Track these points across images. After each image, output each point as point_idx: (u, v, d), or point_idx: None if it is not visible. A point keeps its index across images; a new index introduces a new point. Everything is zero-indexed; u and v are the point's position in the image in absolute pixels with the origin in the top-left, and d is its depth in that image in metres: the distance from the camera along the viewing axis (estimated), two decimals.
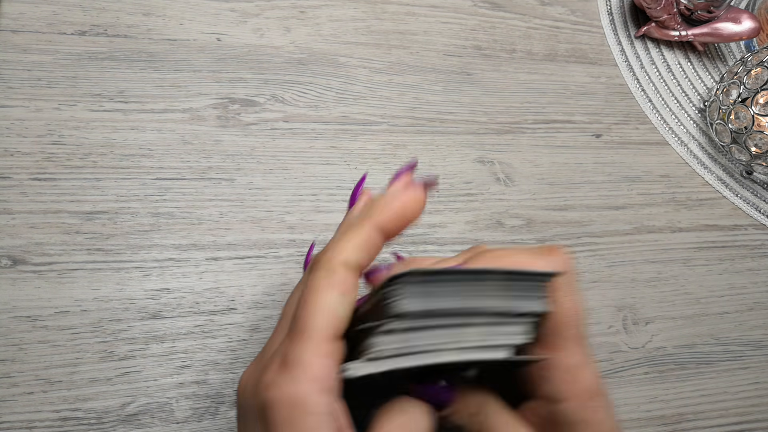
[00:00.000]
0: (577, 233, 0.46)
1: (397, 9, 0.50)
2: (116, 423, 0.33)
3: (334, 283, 0.21)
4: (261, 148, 0.42)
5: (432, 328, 0.21)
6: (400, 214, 0.24)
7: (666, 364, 0.43)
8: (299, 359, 0.20)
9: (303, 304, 0.21)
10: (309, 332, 0.20)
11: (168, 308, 0.36)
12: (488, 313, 0.21)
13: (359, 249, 0.22)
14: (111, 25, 0.43)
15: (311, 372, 0.20)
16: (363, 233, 0.23)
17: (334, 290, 0.21)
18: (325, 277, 0.21)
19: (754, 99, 0.47)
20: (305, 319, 0.21)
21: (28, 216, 0.36)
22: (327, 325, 0.21)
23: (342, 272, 0.22)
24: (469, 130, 0.47)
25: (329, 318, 0.21)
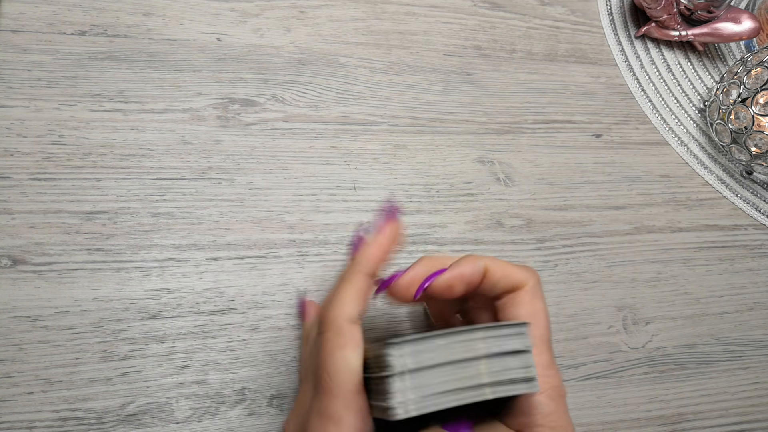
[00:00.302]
0: (577, 233, 0.46)
1: (397, 9, 0.50)
2: (116, 423, 0.33)
3: (344, 342, 0.25)
4: (261, 148, 0.42)
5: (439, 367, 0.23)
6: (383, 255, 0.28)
7: (666, 364, 0.43)
8: (334, 417, 0.24)
9: (323, 366, 0.25)
10: (336, 391, 0.24)
11: (168, 308, 0.36)
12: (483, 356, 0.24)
13: (356, 301, 0.26)
14: (111, 25, 0.43)
15: (347, 427, 0.24)
16: (355, 284, 0.27)
17: (346, 349, 0.24)
18: (335, 338, 0.25)
19: (754, 99, 0.47)
20: (329, 379, 0.24)
21: (28, 216, 0.36)
22: (349, 381, 0.24)
23: (348, 329, 0.25)
24: (469, 130, 0.47)
25: (350, 374, 0.24)
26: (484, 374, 0.23)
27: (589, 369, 0.41)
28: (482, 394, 0.23)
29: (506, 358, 0.24)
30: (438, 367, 0.23)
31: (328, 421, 0.24)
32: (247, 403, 0.35)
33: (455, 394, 0.23)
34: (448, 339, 0.23)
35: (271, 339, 0.37)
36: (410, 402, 0.22)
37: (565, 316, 0.43)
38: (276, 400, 0.36)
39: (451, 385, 0.23)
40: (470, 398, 0.23)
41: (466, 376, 0.23)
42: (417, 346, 0.23)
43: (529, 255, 0.44)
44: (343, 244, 0.41)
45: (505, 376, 0.24)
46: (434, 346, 0.23)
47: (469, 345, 0.24)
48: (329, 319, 0.26)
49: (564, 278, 0.44)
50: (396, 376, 0.23)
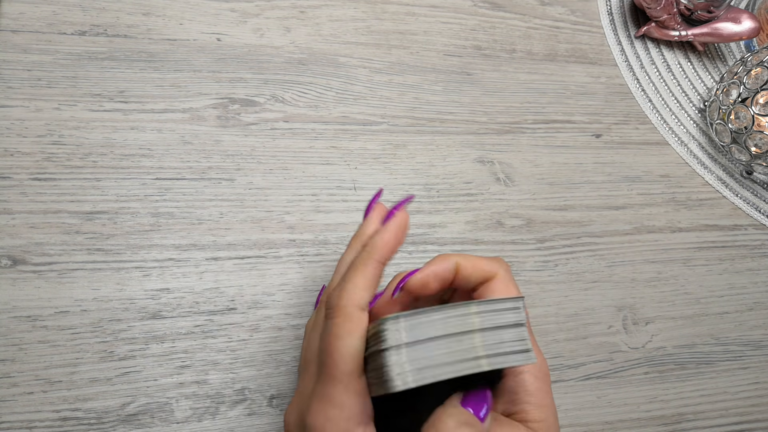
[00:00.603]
0: (577, 233, 0.46)
1: (397, 9, 0.50)
2: (116, 423, 0.33)
3: (352, 328, 0.25)
4: (261, 148, 0.42)
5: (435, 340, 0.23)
6: (396, 243, 0.28)
7: (666, 364, 0.43)
8: (336, 401, 0.24)
9: (329, 351, 0.25)
10: (339, 376, 0.24)
11: (168, 308, 0.36)
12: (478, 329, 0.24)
13: (367, 289, 0.26)
14: (111, 25, 0.43)
15: (348, 411, 0.24)
16: (368, 272, 0.27)
17: (353, 335, 0.25)
18: (345, 323, 0.25)
19: (754, 99, 0.47)
20: (334, 365, 0.24)
21: (28, 216, 0.36)
22: (353, 367, 0.24)
23: (357, 316, 0.25)
24: (469, 130, 0.47)
25: (354, 360, 0.24)
26: (480, 347, 0.24)
27: (589, 369, 0.41)
28: (479, 366, 0.23)
29: (501, 331, 0.24)
30: (433, 340, 0.23)
31: (331, 406, 0.24)
32: (247, 403, 0.35)
33: (452, 366, 0.23)
34: (443, 313, 0.24)
35: (271, 339, 0.37)
36: (408, 374, 0.23)
37: (565, 316, 0.43)
38: (276, 400, 0.36)
39: (447, 357, 0.23)
40: (467, 370, 0.23)
41: (461, 348, 0.24)
42: (412, 320, 0.23)
43: (529, 255, 0.44)
44: (343, 244, 0.41)
45: (500, 348, 0.24)
46: (429, 320, 0.24)
47: (464, 319, 0.24)
48: (340, 304, 0.26)
49: (564, 278, 0.44)
50: (392, 349, 0.23)
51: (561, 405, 0.40)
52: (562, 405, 0.40)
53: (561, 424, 0.40)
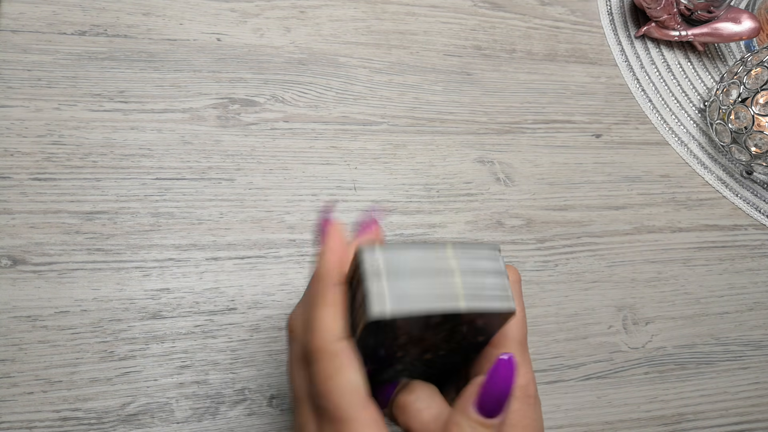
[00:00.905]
0: (577, 233, 0.46)
1: (397, 9, 0.50)
2: (116, 423, 0.33)
3: (340, 365, 0.23)
4: (261, 148, 0.42)
5: (414, 276, 0.23)
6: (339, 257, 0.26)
7: (666, 364, 0.43)
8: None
9: (325, 395, 0.23)
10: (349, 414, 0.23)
11: (168, 308, 0.36)
12: (457, 270, 0.24)
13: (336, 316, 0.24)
14: (111, 25, 0.43)
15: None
16: (330, 300, 0.25)
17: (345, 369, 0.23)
18: (330, 364, 0.23)
19: (754, 99, 0.47)
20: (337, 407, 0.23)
21: (28, 216, 0.36)
22: (358, 401, 0.23)
23: (338, 349, 0.24)
24: (469, 130, 0.47)
25: (356, 392, 0.23)
26: (459, 286, 0.23)
27: (589, 369, 0.41)
28: (457, 304, 0.23)
29: (482, 277, 0.24)
30: (412, 276, 0.23)
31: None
32: (247, 403, 0.35)
33: (430, 301, 0.23)
34: (419, 249, 0.24)
35: (271, 339, 0.37)
36: (386, 300, 0.22)
37: (565, 316, 0.43)
38: (276, 400, 0.36)
39: (426, 291, 0.23)
40: (445, 306, 0.23)
41: (441, 284, 0.23)
42: (388, 251, 0.23)
43: (529, 255, 0.44)
44: None
45: (480, 292, 0.24)
46: (406, 252, 0.23)
47: (440, 259, 0.24)
48: (315, 347, 0.24)
49: (564, 278, 0.44)
50: (372, 277, 0.23)
51: (561, 405, 0.40)
52: (562, 405, 0.40)
53: (561, 424, 0.40)
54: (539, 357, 0.41)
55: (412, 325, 0.23)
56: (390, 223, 0.42)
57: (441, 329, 0.25)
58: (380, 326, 0.23)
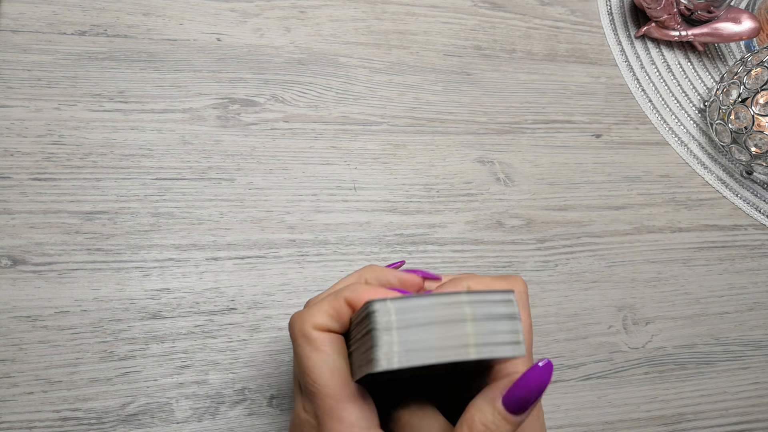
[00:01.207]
0: (577, 233, 0.46)
1: (397, 9, 0.50)
2: (116, 423, 0.33)
3: (317, 346, 0.25)
4: (261, 148, 0.42)
5: (427, 325, 0.23)
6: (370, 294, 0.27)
7: (666, 364, 0.43)
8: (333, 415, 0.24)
9: (305, 372, 0.25)
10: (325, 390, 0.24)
11: (168, 308, 0.36)
12: (470, 318, 0.24)
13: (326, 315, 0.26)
14: (111, 25, 0.43)
15: (348, 420, 0.24)
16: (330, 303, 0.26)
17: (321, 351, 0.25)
18: (307, 345, 0.25)
19: (754, 99, 0.47)
20: (314, 382, 0.24)
21: (28, 216, 0.36)
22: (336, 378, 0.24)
23: (317, 335, 0.25)
24: (469, 130, 0.47)
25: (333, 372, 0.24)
26: (471, 335, 0.23)
27: (589, 369, 0.41)
28: (466, 353, 0.23)
29: (493, 322, 0.24)
30: (425, 326, 0.23)
31: (329, 419, 0.24)
32: (247, 403, 0.35)
33: (439, 351, 0.23)
34: (433, 300, 0.24)
35: (271, 339, 0.37)
36: (395, 354, 0.22)
37: (565, 316, 0.43)
38: (276, 400, 0.36)
39: (436, 342, 0.23)
40: (454, 356, 0.23)
41: (451, 335, 0.23)
42: (402, 303, 0.23)
43: (529, 255, 0.44)
44: (343, 244, 0.41)
45: (491, 339, 0.24)
46: (419, 306, 0.23)
47: (454, 307, 0.24)
48: (296, 331, 0.26)
49: (564, 278, 0.44)
50: (383, 330, 0.23)
51: (561, 405, 0.40)
52: (562, 405, 0.40)
53: (561, 424, 0.40)
54: (539, 357, 0.41)
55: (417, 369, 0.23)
56: (390, 223, 0.42)
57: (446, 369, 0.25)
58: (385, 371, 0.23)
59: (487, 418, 0.24)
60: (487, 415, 0.24)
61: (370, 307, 0.23)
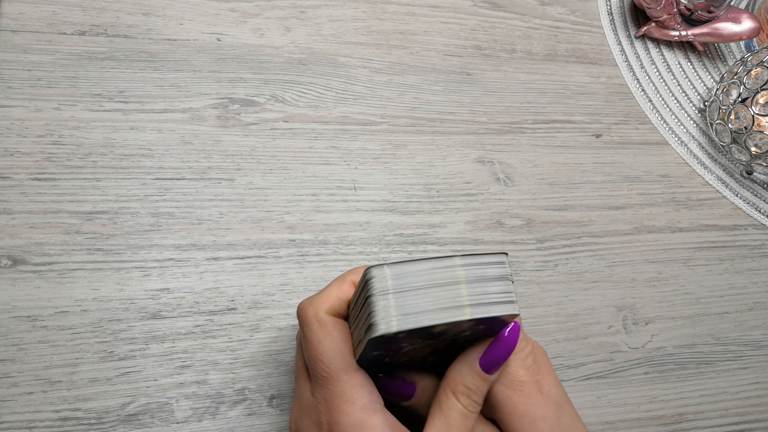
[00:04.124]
0: (577, 233, 0.46)
1: (397, 9, 0.50)
2: (116, 423, 0.33)
3: (329, 331, 0.26)
4: (261, 148, 0.42)
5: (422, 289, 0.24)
6: None
7: (666, 364, 0.43)
8: (343, 397, 0.25)
9: (316, 356, 0.26)
10: (336, 374, 0.25)
11: (168, 308, 0.36)
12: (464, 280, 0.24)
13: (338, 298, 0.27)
14: (111, 25, 0.43)
15: (358, 403, 0.25)
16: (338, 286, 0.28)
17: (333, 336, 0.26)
18: (319, 329, 0.26)
19: (754, 99, 0.47)
20: (325, 367, 0.25)
21: (28, 216, 0.36)
22: (345, 363, 0.25)
23: (328, 320, 0.26)
24: (469, 130, 0.47)
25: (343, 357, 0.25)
26: (465, 296, 0.24)
27: (589, 369, 0.41)
28: (462, 314, 0.24)
29: (487, 284, 0.25)
30: (420, 289, 0.24)
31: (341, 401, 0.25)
32: (247, 403, 0.35)
33: (436, 313, 0.24)
34: (428, 264, 0.24)
35: (271, 339, 0.37)
36: (392, 318, 0.23)
37: (565, 316, 0.43)
38: (276, 400, 0.36)
39: (432, 305, 0.24)
40: (450, 317, 0.24)
41: (446, 297, 0.24)
42: (398, 269, 0.24)
43: (529, 255, 0.44)
44: (343, 244, 0.41)
45: (485, 299, 0.24)
46: (415, 271, 0.24)
47: (448, 271, 0.24)
48: (308, 315, 0.27)
49: (564, 278, 0.44)
50: (379, 296, 0.23)
51: None
52: None
53: None
54: None
55: (415, 335, 0.24)
56: (390, 224, 0.42)
57: (445, 336, 0.25)
58: (384, 339, 0.23)
59: (467, 379, 0.25)
60: (466, 377, 0.26)
61: (368, 273, 0.24)
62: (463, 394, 0.25)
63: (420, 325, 0.23)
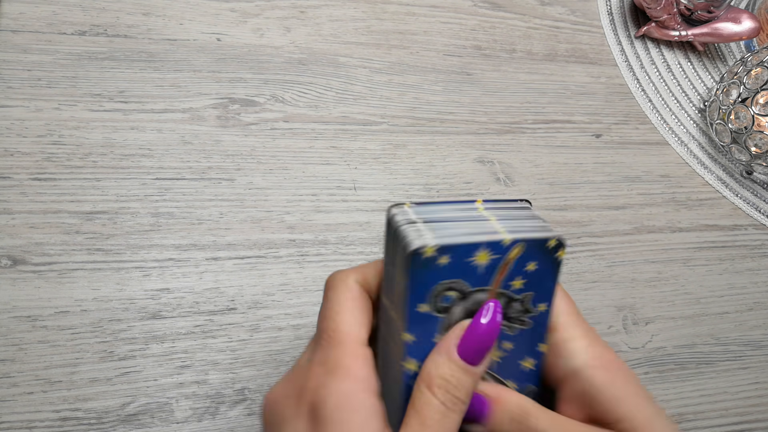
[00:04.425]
0: (577, 233, 0.46)
1: (397, 9, 0.50)
2: (116, 423, 0.33)
3: (354, 296, 0.23)
4: (261, 148, 0.42)
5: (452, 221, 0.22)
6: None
7: (666, 364, 0.43)
8: (340, 363, 0.22)
9: (329, 316, 0.23)
10: (340, 338, 0.22)
11: (168, 308, 0.36)
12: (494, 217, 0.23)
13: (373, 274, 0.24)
14: (111, 25, 0.43)
15: (354, 373, 0.21)
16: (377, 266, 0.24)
17: (355, 303, 0.23)
18: (345, 293, 0.23)
19: (754, 99, 0.47)
20: (334, 328, 0.22)
21: (28, 216, 0.36)
22: (356, 332, 0.22)
23: (356, 289, 0.23)
24: (469, 130, 0.47)
25: (356, 325, 0.23)
26: (498, 226, 0.22)
27: None
28: (501, 237, 0.22)
29: (518, 221, 0.23)
30: (448, 221, 0.22)
31: (335, 370, 0.22)
32: (247, 403, 0.35)
33: (472, 236, 0.21)
34: (451, 205, 0.23)
35: (271, 339, 0.37)
36: (426, 235, 0.21)
37: None
38: None
39: (467, 231, 0.22)
40: (488, 238, 0.21)
41: (479, 227, 0.22)
42: (419, 208, 0.22)
43: None
44: (343, 244, 0.41)
45: (520, 227, 0.22)
46: (438, 209, 0.22)
47: (472, 210, 0.23)
48: (335, 278, 0.24)
49: (564, 278, 0.44)
50: (407, 225, 0.21)
51: None
52: None
53: None
54: None
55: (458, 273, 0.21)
56: None
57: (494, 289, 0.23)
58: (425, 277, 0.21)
59: (443, 370, 0.22)
60: (442, 367, 0.22)
61: (389, 212, 0.22)
62: (440, 388, 0.21)
63: (458, 242, 0.21)
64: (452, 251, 0.21)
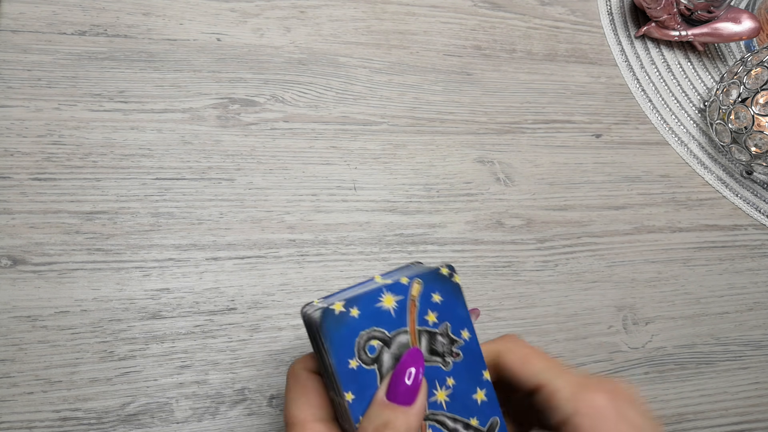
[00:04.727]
0: (577, 233, 0.46)
1: (397, 9, 0.50)
2: (116, 423, 0.33)
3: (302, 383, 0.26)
4: (261, 148, 0.42)
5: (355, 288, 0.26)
6: None
7: (666, 364, 0.43)
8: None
9: (286, 405, 0.26)
10: (293, 422, 0.25)
11: (168, 308, 0.36)
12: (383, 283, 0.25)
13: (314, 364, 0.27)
14: (111, 25, 0.43)
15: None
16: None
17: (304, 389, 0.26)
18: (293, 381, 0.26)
19: (754, 99, 0.47)
20: (288, 415, 0.25)
21: (28, 216, 0.36)
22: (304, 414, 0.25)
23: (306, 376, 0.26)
24: (469, 130, 0.47)
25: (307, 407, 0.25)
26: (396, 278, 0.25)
27: (589, 369, 0.41)
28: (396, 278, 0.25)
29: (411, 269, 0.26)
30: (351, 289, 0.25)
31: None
32: (247, 403, 0.35)
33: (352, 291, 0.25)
34: (355, 287, 0.25)
35: (271, 339, 0.37)
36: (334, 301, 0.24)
37: (565, 316, 0.43)
38: (276, 400, 0.36)
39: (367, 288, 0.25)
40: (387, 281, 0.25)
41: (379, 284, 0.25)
42: (326, 298, 0.25)
43: (529, 255, 0.44)
44: (343, 244, 0.41)
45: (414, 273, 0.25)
46: (342, 292, 0.25)
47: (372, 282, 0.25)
48: (289, 370, 0.27)
49: (564, 278, 0.44)
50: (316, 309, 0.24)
51: None
52: None
53: None
54: None
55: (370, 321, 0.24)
56: (390, 224, 0.42)
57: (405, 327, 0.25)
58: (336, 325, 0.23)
59: (382, 419, 0.23)
60: (379, 417, 0.23)
61: (302, 311, 0.25)
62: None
63: (361, 292, 0.24)
64: (359, 301, 0.24)
